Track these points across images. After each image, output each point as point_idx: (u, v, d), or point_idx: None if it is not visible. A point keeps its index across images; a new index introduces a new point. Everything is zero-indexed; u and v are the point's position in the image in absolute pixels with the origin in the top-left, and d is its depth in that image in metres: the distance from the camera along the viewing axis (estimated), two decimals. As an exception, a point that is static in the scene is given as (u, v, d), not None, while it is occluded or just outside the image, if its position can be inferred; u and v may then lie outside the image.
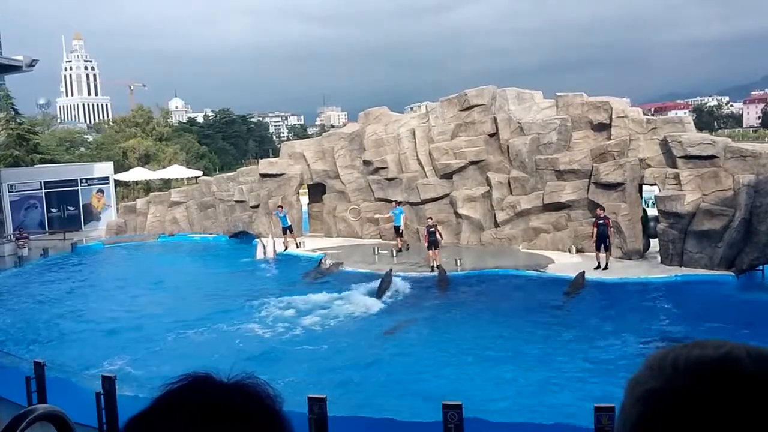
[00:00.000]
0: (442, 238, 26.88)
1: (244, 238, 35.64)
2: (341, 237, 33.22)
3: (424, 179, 30.81)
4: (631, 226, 24.86)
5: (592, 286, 21.99)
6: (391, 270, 24.64)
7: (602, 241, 23.69)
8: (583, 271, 22.71)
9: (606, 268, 23.30)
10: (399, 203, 30.08)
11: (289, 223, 31.90)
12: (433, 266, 25.17)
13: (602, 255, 23.68)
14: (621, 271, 23.41)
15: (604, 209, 24.30)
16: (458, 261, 25.48)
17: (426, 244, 25.99)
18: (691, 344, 1.10)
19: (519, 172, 28.06)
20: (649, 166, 25.02)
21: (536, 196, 27.51)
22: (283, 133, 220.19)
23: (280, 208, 32.37)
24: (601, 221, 23.74)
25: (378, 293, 22.47)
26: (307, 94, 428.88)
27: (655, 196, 24.99)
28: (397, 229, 29.63)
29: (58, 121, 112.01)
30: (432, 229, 25.74)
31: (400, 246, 29.17)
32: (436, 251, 25.61)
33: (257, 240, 30.30)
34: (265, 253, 30.06)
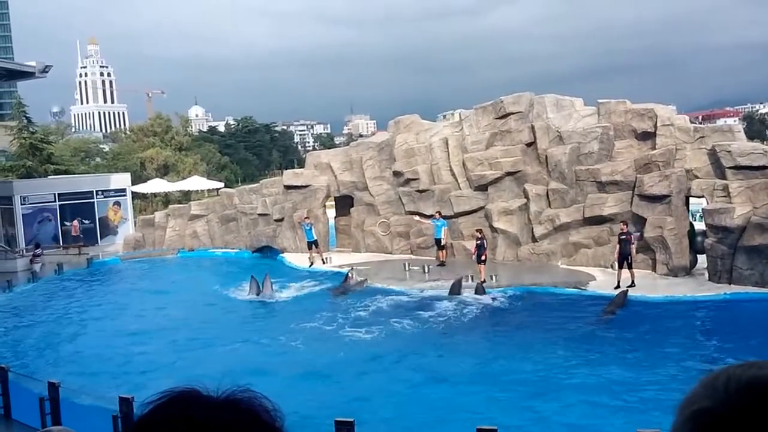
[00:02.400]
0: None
1: (267, 252, 36.12)
2: (370, 252, 33.55)
3: (457, 191, 31.17)
4: (677, 241, 25.04)
5: (634, 305, 22.21)
6: (461, 279, 25.48)
7: (624, 258, 23.89)
8: (626, 290, 22.97)
9: (632, 285, 23.42)
10: (442, 215, 30.32)
11: (315, 237, 32.36)
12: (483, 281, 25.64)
13: (624, 273, 23.82)
14: (666, 288, 23.58)
15: (626, 224, 24.54)
16: (494, 277, 25.87)
17: (474, 258, 26.51)
18: (745, 365, 1.13)
19: (558, 184, 28.35)
20: (697, 177, 25.25)
21: (576, 209, 27.74)
22: (308, 142, 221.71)
23: (306, 220, 32.81)
24: (623, 236, 23.94)
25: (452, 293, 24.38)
26: (333, 102, 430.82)
27: (702, 209, 25.07)
28: (438, 242, 30.06)
29: (73, 130, 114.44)
30: (480, 242, 26.20)
31: (442, 259, 29.67)
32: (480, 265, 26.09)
33: (251, 277, 27.37)
34: (259, 291, 26.95)
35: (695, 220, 27.39)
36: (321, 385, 16.68)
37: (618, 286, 23.53)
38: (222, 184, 56.33)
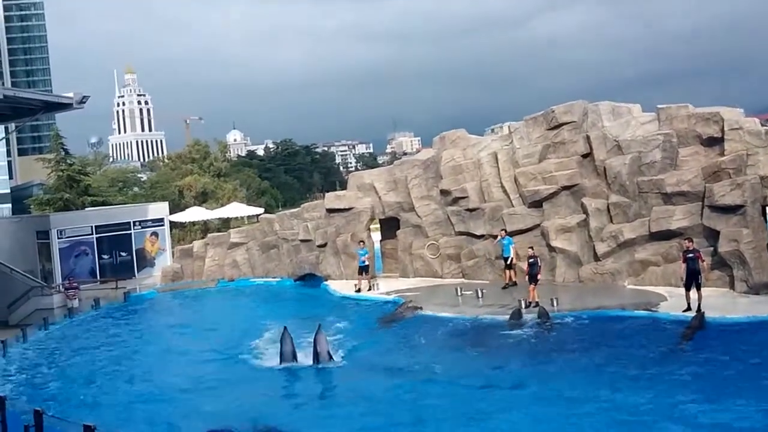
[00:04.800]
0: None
1: (310, 280, 35.31)
2: (419, 277, 32.61)
3: (510, 209, 30.02)
4: (756, 256, 23.47)
5: (714, 327, 20.66)
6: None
7: (693, 278, 22.10)
8: (702, 312, 21.39)
9: (699, 310, 21.67)
10: (506, 232, 29.16)
11: (366, 263, 31.71)
12: (534, 303, 24.41)
13: (694, 294, 22.11)
14: (747, 307, 22.04)
15: (692, 241, 22.91)
16: (554, 301, 24.52)
17: (527, 278, 25.33)
18: None
19: (619, 197, 26.99)
20: (773, 184, 23.68)
21: (641, 223, 26.38)
22: (350, 163, 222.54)
23: (361, 244, 32.32)
24: (690, 255, 22.17)
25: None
26: (375, 120, 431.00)
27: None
28: (506, 260, 28.83)
29: (111, 160, 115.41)
30: (532, 260, 25.09)
31: (512, 280, 28.49)
32: (534, 286, 24.96)
33: (283, 332, 21.29)
34: (318, 356, 20.61)
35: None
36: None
37: (689, 308, 21.94)
38: (262, 210, 55.79)
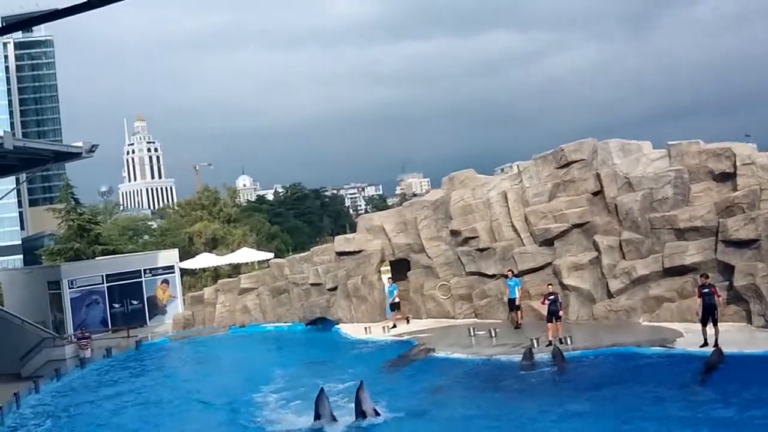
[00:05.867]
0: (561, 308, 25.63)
1: (322, 325, 35.08)
2: (431, 318, 32.36)
3: (521, 248, 29.81)
4: (772, 289, 23.13)
5: (733, 362, 20.26)
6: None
7: (710, 314, 21.78)
8: (719, 348, 21.03)
9: (716, 346, 21.20)
10: (512, 272, 29.06)
11: (397, 300, 32.15)
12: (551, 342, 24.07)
13: (710, 329, 21.69)
14: (766, 342, 21.54)
15: (707, 276, 22.58)
16: (568, 339, 24.19)
17: (546, 316, 25.05)
18: None
19: (631, 234, 26.76)
20: (787, 218, 23.39)
21: (654, 259, 26.11)
22: (360, 205, 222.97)
23: (390, 280, 32.95)
24: (705, 290, 21.90)
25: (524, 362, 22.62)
26: (384, 162, 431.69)
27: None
28: (512, 302, 28.66)
29: (121, 208, 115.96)
30: (552, 297, 24.82)
31: (519, 321, 28.29)
32: (558, 323, 24.70)
33: (321, 396, 19.33)
34: (363, 414, 18.94)
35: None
36: None
37: (706, 344, 21.58)
38: (272, 255, 55.60)
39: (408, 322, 32.06)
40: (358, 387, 19.22)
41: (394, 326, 31.27)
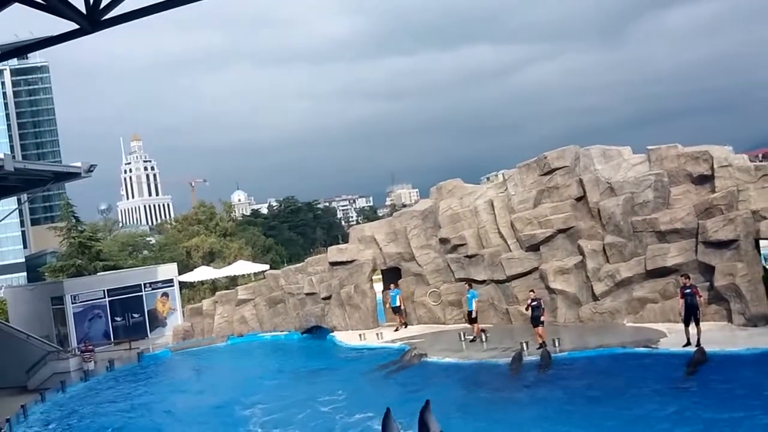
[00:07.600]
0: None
1: (317, 333, 34.98)
2: (422, 324, 32.26)
3: (508, 253, 29.75)
4: (752, 288, 23.11)
5: (716, 360, 20.23)
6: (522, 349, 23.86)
7: (692, 314, 21.68)
8: (701, 347, 20.98)
9: (699, 345, 21.22)
10: (471, 285, 29.01)
11: (398, 303, 32.29)
12: (541, 344, 23.93)
13: (693, 329, 21.64)
14: (747, 340, 21.58)
15: (689, 277, 22.48)
16: (556, 341, 24.13)
17: (531, 320, 24.88)
18: None
19: (614, 237, 26.75)
20: (764, 219, 23.35)
21: (637, 262, 26.10)
22: (351, 217, 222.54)
23: (392, 286, 33.02)
24: (687, 290, 21.81)
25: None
26: (374, 174, 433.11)
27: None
28: (469, 315, 28.26)
29: (120, 225, 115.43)
30: (534, 303, 24.60)
31: (475, 334, 27.48)
32: (541, 327, 24.36)
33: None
34: None
35: (768, 264, 25.40)
36: None
37: (688, 343, 21.55)
38: (267, 267, 55.39)
39: (405, 326, 32.07)
40: (423, 407, 18.39)
41: (399, 328, 31.86)
